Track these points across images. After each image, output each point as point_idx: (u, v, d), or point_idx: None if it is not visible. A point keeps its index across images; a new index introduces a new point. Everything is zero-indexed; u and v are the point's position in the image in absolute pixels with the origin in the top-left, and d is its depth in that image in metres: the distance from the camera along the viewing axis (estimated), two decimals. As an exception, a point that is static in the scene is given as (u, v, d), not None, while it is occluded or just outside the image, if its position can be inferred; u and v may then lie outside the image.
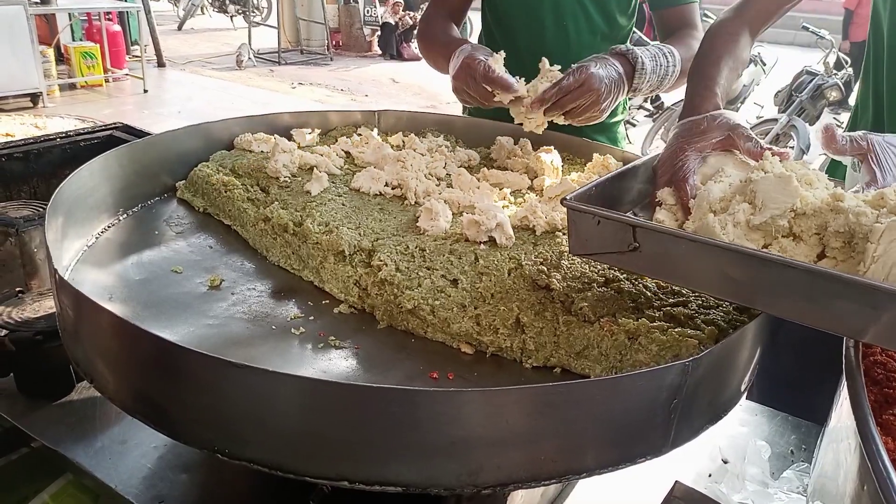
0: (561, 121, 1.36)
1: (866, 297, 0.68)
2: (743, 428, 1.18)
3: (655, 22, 1.69)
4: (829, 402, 0.76)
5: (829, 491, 0.69)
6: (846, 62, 7.53)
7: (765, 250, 0.80)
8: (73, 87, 7.89)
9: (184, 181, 1.37)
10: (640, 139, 6.94)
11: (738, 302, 0.87)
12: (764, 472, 1.07)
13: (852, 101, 1.62)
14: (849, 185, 0.89)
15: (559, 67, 1.34)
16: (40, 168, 1.79)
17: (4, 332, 1.08)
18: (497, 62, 1.36)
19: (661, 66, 1.41)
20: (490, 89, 1.34)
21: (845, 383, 0.67)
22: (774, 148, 0.89)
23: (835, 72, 7.12)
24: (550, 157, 1.39)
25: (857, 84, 1.36)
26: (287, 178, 1.29)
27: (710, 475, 1.07)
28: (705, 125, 0.93)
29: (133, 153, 1.30)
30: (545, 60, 1.34)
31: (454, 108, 2.16)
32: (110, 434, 1.02)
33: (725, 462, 1.10)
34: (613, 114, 1.73)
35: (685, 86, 1.15)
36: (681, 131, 0.95)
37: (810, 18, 8.32)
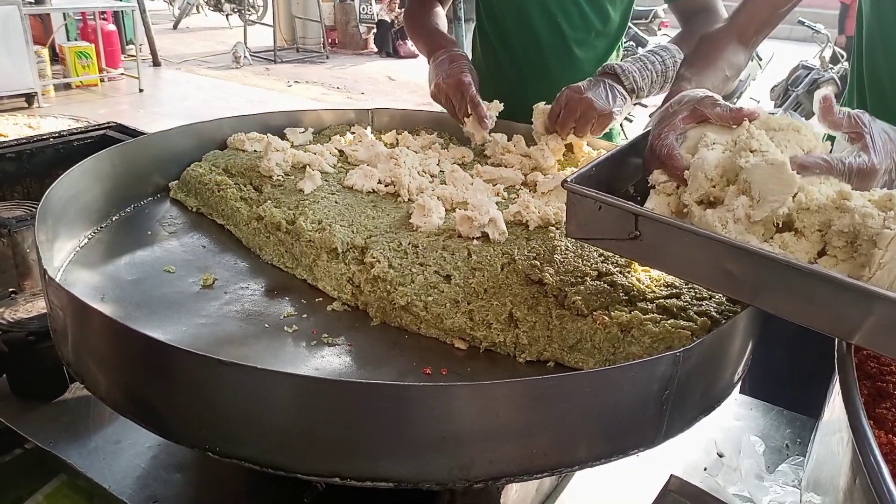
0: (573, 138, 1.39)
1: (870, 304, 0.67)
2: (738, 422, 1.18)
3: (674, 14, 1.64)
4: (824, 397, 0.76)
5: (822, 484, 0.69)
6: (842, 56, 7.50)
7: (768, 248, 0.78)
8: (68, 86, 7.86)
9: (177, 181, 1.37)
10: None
11: (736, 297, 0.85)
12: (759, 465, 1.07)
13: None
14: (838, 149, 0.86)
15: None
16: (33, 168, 1.79)
17: (-3, 332, 1.07)
18: (492, 108, 1.45)
19: (652, 62, 1.41)
20: (468, 111, 1.44)
21: (837, 377, 0.67)
22: (744, 108, 0.87)
23: (831, 66, 7.10)
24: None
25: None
26: (280, 177, 1.28)
27: (705, 469, 1.07)
28: (672, 108, 0.93)
29: (125, 153, 1.29)
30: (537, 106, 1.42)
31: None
32: (104, 434, 1.02)
33: (721, 456, 1.10)
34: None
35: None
36: (654, 124, 0.96)
37: (806, 13, 8.30)
